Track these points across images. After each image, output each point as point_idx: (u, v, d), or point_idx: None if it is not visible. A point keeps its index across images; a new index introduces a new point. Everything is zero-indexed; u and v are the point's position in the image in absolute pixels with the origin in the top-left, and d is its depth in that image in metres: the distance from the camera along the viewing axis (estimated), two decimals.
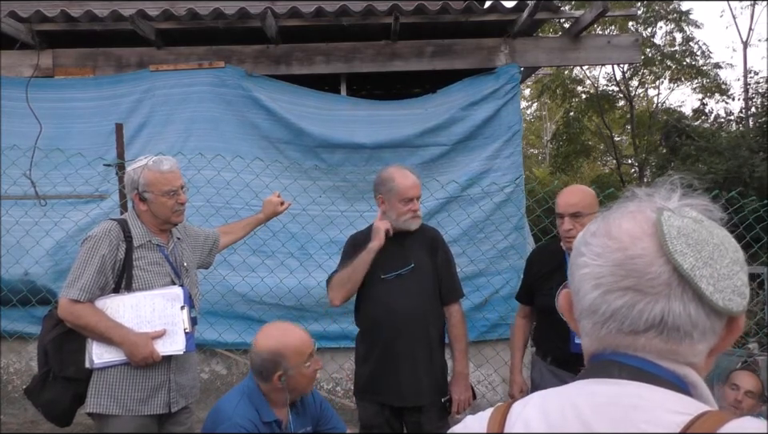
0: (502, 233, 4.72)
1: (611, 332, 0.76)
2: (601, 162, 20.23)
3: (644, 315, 0.73)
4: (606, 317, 0.75)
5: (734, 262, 0.74)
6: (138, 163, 2.53)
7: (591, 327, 0.78)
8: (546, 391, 0.80)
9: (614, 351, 0.76)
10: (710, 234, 0.75)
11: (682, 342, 0.73)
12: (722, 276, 0.73)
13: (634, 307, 0.73)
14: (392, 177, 2.77)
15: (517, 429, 0.76)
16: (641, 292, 0.73)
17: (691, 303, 0.72)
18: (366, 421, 2.81)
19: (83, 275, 2.36)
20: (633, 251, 0.74)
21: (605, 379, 0.75)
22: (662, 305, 0.73)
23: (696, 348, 0.74)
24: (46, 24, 4.72)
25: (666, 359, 0.74)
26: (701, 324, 0.73)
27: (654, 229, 0.74)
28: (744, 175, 9.34)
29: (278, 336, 2.24)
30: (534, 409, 0.77)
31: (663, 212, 0.75)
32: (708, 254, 0.73)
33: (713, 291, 0.72)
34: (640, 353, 0.75)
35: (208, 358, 4.73)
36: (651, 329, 0.73)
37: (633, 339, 0.75)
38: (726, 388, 3.15)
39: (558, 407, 0.75)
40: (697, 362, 0.75)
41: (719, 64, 15.77)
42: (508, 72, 4.82)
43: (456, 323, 2.85)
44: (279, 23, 4.64)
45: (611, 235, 0.76)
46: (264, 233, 4.37)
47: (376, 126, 4.81)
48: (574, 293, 0.80)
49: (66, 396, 2.40)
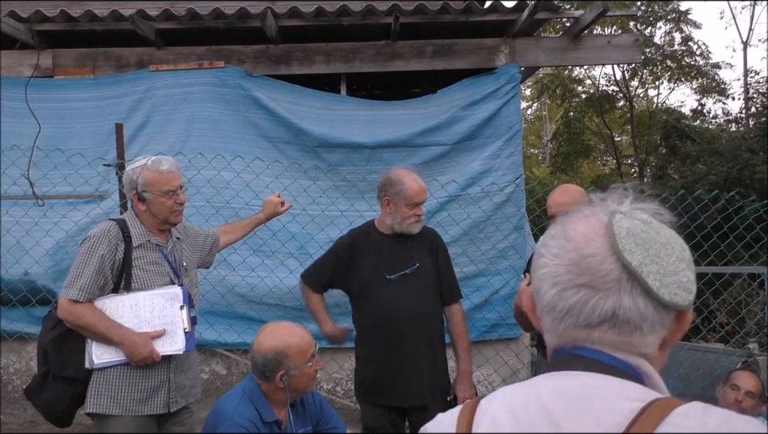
0: (502, 233, 4.72)
1: (569, 327, 0.81)
2: (601, 162, 20.21)
3: (597, 309, 0.78)
4: (564, 313, 0.81)
5: (680, 259, 0.80)
6: (137, 163, 2.53)
7: (551, 323, 0.83)
8: (512, 385, 0.85)
9: (573, 345, 0.81)
10: (658, 234, 0.80)
11: (632, 334, 0.78)
12: (668, 272, 0.78)
13: (588, 302, 0.79)
14: (401, 180, 2.75)
15: (484, 424, 0.81)
16: (594, 289, 0.78)
17: (640, 297, 0.77)
18: (370, 422, 2.80)
19: (82, 275, 2.36)
20: (586, 250, 0.79)
21: (566, 372, 0.80)
22: (613, 300, 0.78)
23: (646, 340, 0.79)
24: (46, 24, 4.72)
25: (621, 351, 0.79)
26: (650, 317, 0.78)
27: (606, 230, 0.80)
28: (744, 177, 9.33)
29: (281, 336, 2.24)
30: (500, 404, 0.81)
31: (615, 215, 0.81)
32: (655, 252, 0.78)
33: (659, 286, 0.77)
34: (596, 346, 0.80)
35: (208, 358, 4.73)
36: (604, 323, 0.79)
37: (588, 333, 0.80)
38: (727, 388, 3.15)
39: (522, 401, 0.79)
40: (649, 353, 0.80)
41: (718, 64, 15.77)
42: (508, 72, 4.82)
43: (458, 322, 2.85)
44: (279, 23, 4.64)
45: (567, 237, 0.82)
46: (264, 233, 4.37)
47: (376, 126, 4.81)
48: (535, 292, 0.85)
49: (65, 396, 2.40)
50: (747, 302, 6.33)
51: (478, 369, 4.64)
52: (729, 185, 8.67)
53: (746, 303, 6.27)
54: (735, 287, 6.56)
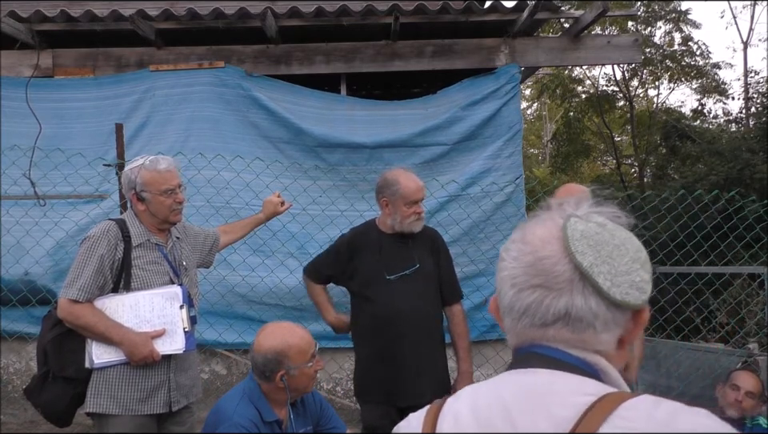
0: (501, 233, 4.72)
1: (526, 326, 0.84)
2: (601, 162, 20.21)
3: (551, 309, 0.81)
4: (521, 313, 0.84)
5: (633, 260, 0.82)
6: (135, 163, 2.53)
7: (510, 322, 0.87)
8: (477, 384, 0.89)
9: (531, 343, 0.85)
10: (612, 235, 0.83)
11: (585, 331, 0.81)
12: (620, 273, 0.80)
13: (542, 302, 0.82)
14: (397, 180, 2.76)
15: (447, 422, 0.84)
16: (548, 289, 0.81)
17: (591, 296, 0.80)
18: (370, 423, 2.80)
19: (82, 275, 2.36)
20: (542, 252, 0.83)
21: (525, 370, 0.83)
22: (565, 299, 0.80)
23: (600, 338, 0.81)
24: (46, 24, 4.72)
25: (575, 348, 0.82)
26: (602, 316, 0.80)
27: (561, 233, 0.83)
28: (745, 177, 9.33)
29: (281, 336, 2.24)
30: (463, 403, 0.84)
31: (570, 218, 0.84)
32: (607, 253, 0.81)
33: (610, 285, 0.80)
34: (552, 343, 0.83)
35: (208, 358, 4.73)
36: (558, 321, 0.81)
37: (544, 332, 0.83)
38: (727, 388, 3.15)
39: (484, 398, 0.83)
40: (605, 350, 0.82)
41: (718, 64, 15.76)
42: (508, 72, 4.82)
43: (459, 322, 2.86)
44: (279, 23, 4.64)
45: (525, 241, 0.85)
46: (264, 233, 4.37)
47: (376, 126, 4.81)
48: (498, 294, 0.89)
49: (65, 396, 2.40)
50: (747, 302, 6.33)
51: (478, 369, 4.64)
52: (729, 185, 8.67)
53: (746, 303, 6.27)
54: (735, 287, 6.56)
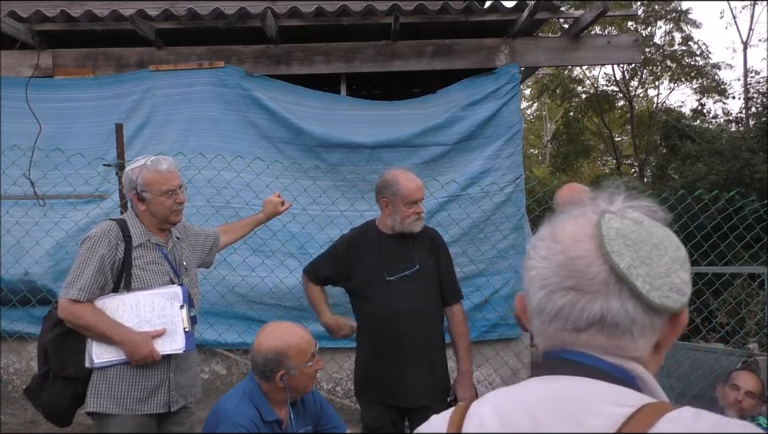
0: (501, 233, 4.72)
1: (557, 330, 0.79)
2: (601, 162, 20.21)
3: (584, 313, 0.76)
4: (552, 316, 0.79)
5: (673, 260, 0.77)
6: (136, 163, 2.53)
7: (540, 326, 0.81)
8: (502, 389, 0.83)
9: (562, 348, 0.80)
10: (650, 234, 0.77)
11: (622, 337, 0.76)
12: (659, 274, 0.75)
13: (576, 305, 0.76)
14: (396, 180, 2.76)
15: (472, 426, 0.80)
16: (581, 291, 0.76)
17: (628, 300, 0.75)
18: (370, 423, 2.80)
19: (82, 275, 2.36)
20: (574, 252, 0.77)
21: (553, 376, 0.78)
22: (600, 303, 0.75)
23: (637, 343, 0.77)
24: (46, 24, 4.73)
25: (610, 355, 0.77)
26: (639, 321, 0.76)
27: (595, 231, 0.77)
28: (745, 177, 9.33)
29: (281, 336, 2.24)
30: (488, 407, 0.80)
31: (604, 215, 0.78)
32: (645, 253, 0.76)
33: (649, 289, 0.74)
34: (585, 349, 0.78)
35: (208, 358, 4.73)
36: (593, 326, 0.76)
37: (576, 336, 0.78)
38: (727, 388, 3.15)
39: (510, 404, 0.78)
40: (641, 356, 0.78)
41: (718, 64, 15.77)
42: (508, 72, 4.82)
43: (459, 322, 2.86)
44: (279, 23, 4.65)
45: (555, 239, 0.80)
46: (264, 233, 4.37)
47: (376, 126, 4.81)
48: (526, 294, 0.84)
49: (65, 396, 2.40)
50: (747, 302, 6.33)
51: (478, 369, 4.64)
52: (729, 185, 8.67)
53: (746, 303, 6.27)
54: (735, 287, 6.56)
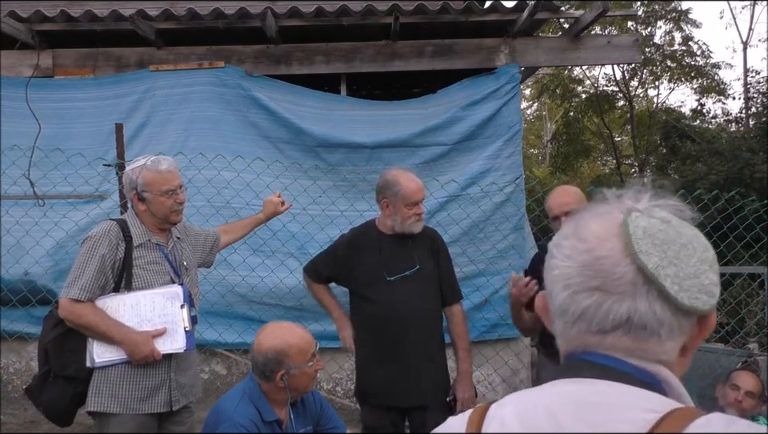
0: (501, 233, 4.72)
1: (581, 332, 0.77)
2: (601, 162, 20.22)
3: (610, 314, 0.74)
4: (576, 317, 0.76)
5: (701, 261, 0.74)
6: (137, 163, 2.53)
7: (563, 327, 0.79)
8: (521, 392, 0.82)
9: (584, 350, 0.77)
10: (678, 233, 0.75)
11: (649, 340, 0.74)
12: (688, 275, 0.73)
13: (601, 306, 0.74)
14: (397, 181, 2.75)
15: (493, 427, 0.78)
16: (607, 292, 0.74)
17: (656, 302, 0.73)
18: (370, 423, 2.80)
19: (83, 274, 2.37)
20: (599, 252, 0.75)
21: (576, 379, 0.76)
22: (627, 304, 0.73)
23: (664, 346, 0.75)
24: (46, 24, 4.73)
25: (636, 357, 0.75)
26: (667, 323, 0.73)
27: (621, 230, 0.75)
28: (745, 177, 9.34)
29: (281, 335, 2.24)
30: (509, 408, 0.78)
31: (631, 213, 0.76)
32: (674, 253, 0.73)
33: (678, 290, 0.72)
34: (609, 352, 0.75)
35: (208, 358, 4.73)
36: (618, 328, 0.74)
37: (601, 338, 0.75)
38: (727, 388, 3.15)
39: (531, 407, 0.76)
40: (668, 359, 0.75)
41: (718, 64, 15.77)
42: (508, 72, 4.82)
43: (458, 322, 2.86)
44: (279, 23, 4.65)
45: (580, 237, 0.77)
46: (264, 233, 4.37)
47: (376, 126, 4.81)
48: (548, 294, 0.81)
49: (66, 396, 2.40)
50: (747, 302, 6.33)
51: (478, 369, 4.64)
52: (729, 185, 8.68)
53: (746, 303, 6.27)
54: (735, 287, 6.56)
